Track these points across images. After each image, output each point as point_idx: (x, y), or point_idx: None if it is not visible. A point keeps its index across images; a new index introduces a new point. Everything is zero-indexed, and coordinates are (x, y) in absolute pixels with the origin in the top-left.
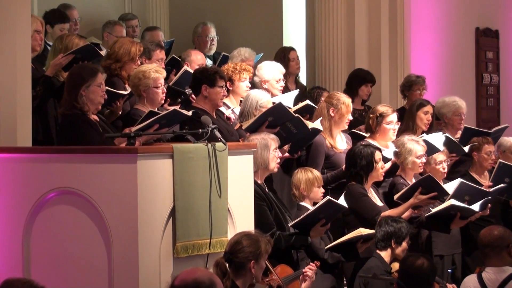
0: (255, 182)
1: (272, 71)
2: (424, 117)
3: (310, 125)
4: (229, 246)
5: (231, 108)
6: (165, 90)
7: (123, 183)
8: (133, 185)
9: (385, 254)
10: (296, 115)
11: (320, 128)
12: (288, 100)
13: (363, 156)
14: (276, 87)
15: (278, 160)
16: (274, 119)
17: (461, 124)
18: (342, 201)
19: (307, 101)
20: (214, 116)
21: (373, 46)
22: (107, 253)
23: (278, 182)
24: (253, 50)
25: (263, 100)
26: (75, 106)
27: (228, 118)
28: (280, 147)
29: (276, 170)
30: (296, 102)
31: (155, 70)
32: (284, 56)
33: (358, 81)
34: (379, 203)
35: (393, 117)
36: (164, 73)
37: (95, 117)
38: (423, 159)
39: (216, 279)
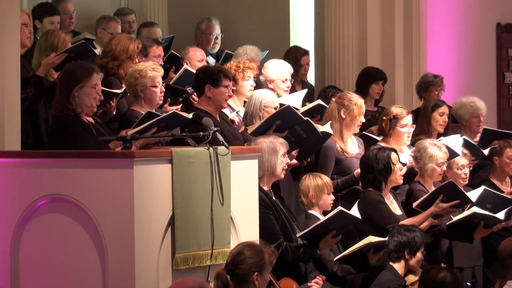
0: (261, 189)
1: (278, 70)
2: (439, 118)
3: (320, 128)
4: (231, 257)
5: (236, 111)
6: (164, 89)
7: (119, 190)
8: (129, 192)
9: (399, 266)
10: (306, 118)
11: (330, 131)
12: (295, 101)
13: (379, 160)
14: (282, 87)
15: (286, 167)
16: (282, 122)
17: (479, 127)
18: (355, 210)
19: (319, 101)
20: (218, 118)
21: (386, 43)
22: (101, 265)
23: (285, 188)
24: (258, 48)
25: (268, 99)
26: (67, 107)
27: (232, 121)
28: (289, 152)
29: (283, 176)
30: (304, 103)
31: (152, 68)
32: (296, 60)
33: (367, 79)
34: (397, 211)
35: (408, 119)
36: (162, 71)
37: (90, 119)
38: (444, 167)
39: (207, 286)
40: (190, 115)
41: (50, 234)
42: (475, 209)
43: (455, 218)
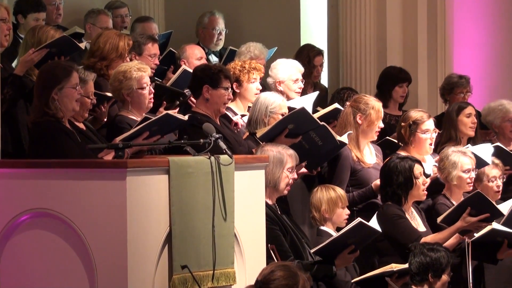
0: (265, 203)
1: (288, 69)
2: (467, 121)
3: (337, 137)
4: (262, 275)
5: (239, 114)
6: (153, 90)
7: (110, 204)
8: (121, 206)
9: None
10: (322, 123)
11: (346, 141)
12: (306, 103)
13: (400, 172)
14: (294, 88)
15: (291, 182)
16: (296, 126)
17: None
18: (374, 224)
19: (336, 105)
20: (218, 123)
21: (408, 42)
22: (90, 287)
23: (299, 201)
24: (265, 46)
25: (275, 104)
26: (47, 112)
27: (236, 124)
28: (302, 161)
29: (286, 192)
30: (315, 106)
31: (137, 68)
32: (309, 61)
33: (390, 81)
34: (421, 227)
35: (430, 124)
36: (149, 70)
37: (81, 125)
38: (472, 174)
39: None
40: (186, 117)
41: (34, 253)
42: (495, 225)
43: (476, 235)
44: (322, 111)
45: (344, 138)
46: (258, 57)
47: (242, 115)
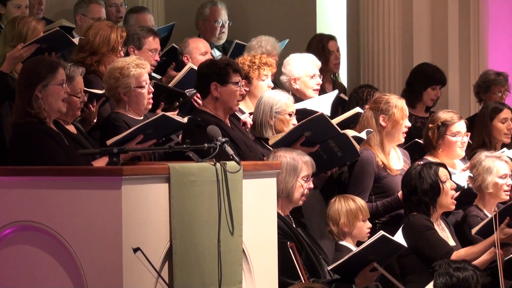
0: (277, 215)
1: (303, 64)
2: (502, 127)
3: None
4: None
5: (246, 112)
6: (152, 89)
7: (103, 216)
8: (116, 219)
9: None
10: (343, 131)
11: (364, 137)
12: (323, 104)
13: (424, 178)
14: (311, 85)
15: (306, 192)
16: (313, 134)
17: None
18: (399, 236)
19: (357, 109)
20: (228, 124)
21: (437, 34)
22: None
23: (316, 213)
24: (277, 40)
25: (280, 103)
26: (29, 112)
27: (244, 124)
28: (317, 174)
29: (301, 203)
30: (333, 107)
31: (136, 65)
32: (322, 47)
33: (422, 80)
34: (450, 241)
35: (460, 126)
36: (148, 67)
37: (72, 127)
38: (509, 180)
39: None
40: (185, 119)
41: (18, 270)
42: None
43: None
44: (341, 116)
45: (363, 135)
46: (271, 53)
47: (250, 113)
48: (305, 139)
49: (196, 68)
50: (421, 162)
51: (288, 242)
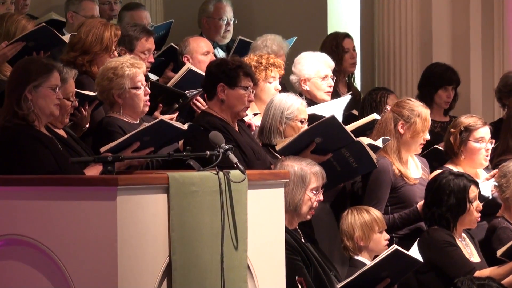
0: (285, 229)
1: (314, 64)
2: None
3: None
4: None
5: (250, 113)
6: (149, 91)
7: (97, 229)
8: (110, 232)
9: None
10: (358, 139)
11: (380, 145)
12: (335, 109)
13: (453, 192)
14: (323, 87)
15: (316, 205)
16: (324, 140)
17: None
18: (415, 250)
19: (374, 115)
20: (236, 128)
21: (458, 33)
22: None
23: (326, 227)
24: (285, 38)
25: (292, 108)
26: (17, 113)
27: (249, 126)
28: (329, 187)
29: (309, 217)
30: (346, 112)
31: (131, 64)
32: (336, 45)
33: (433, 83)
34: (475, 258)
35: (485, 131)
36: (144, 67)
37: (62, 132)
38: None
39: None
40: (185, 126)
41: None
42: None
43: None
44: (357, 123)
45: (379, 143)
46: (277, 54)
47: (255, 114)
48: (316, 146)
49: (194, 69)
50: (453, 172)
51: (297, 277)
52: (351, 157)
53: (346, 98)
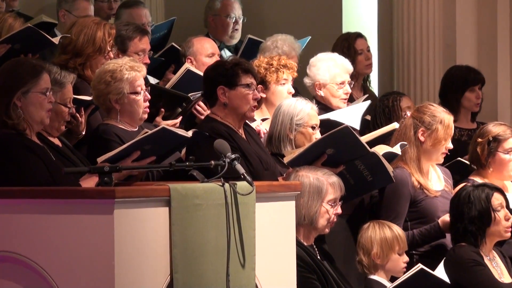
0: (299, 244)
1: (331, 68)
2: None
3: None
4: None
5: (258, 119)
6: (149, 96)
7: (93, 245)
8: (107, 249)
9: None
10: (372, 150)
11: (398, 152)
12: (352, 115)
13: (474, 203)
14: (338, 94)
15: (334, 219)
16: (336, 152)
17: None
18: (441, 271)
19: (395, 124)
20: (243, 135)
21: (484, 33)
22: None
23: (342, 242)
24: (297, 38)
25: (302, 113)
26: (6, 122)
27: (257, 133)
28: (346, 200)
29: (327, 231)
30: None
31: (130, 67)
32: (348, 46)
33: (456, 85)
34: (506, 278)
35: None
36: (144, 70)
37: (57, 141)
38: None
39: None
40: (189, 133)
41: None
42: None
43: None
44: (375, 133)
45: (396, 150)
46: (289, 55)
47: (263, 120)
48: (327, 157)
49: (192, 69)
50: (474, 183)
51: None
52: (365, 170)
53: (364, 104)
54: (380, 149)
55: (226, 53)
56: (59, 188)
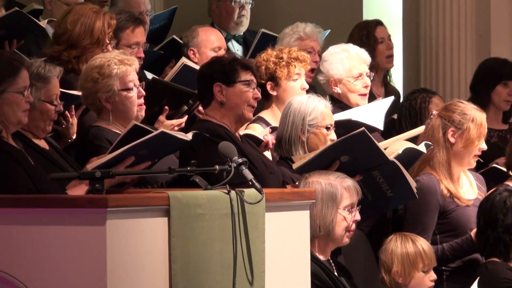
0: (314, 259)
1: (344, 61)
2: None
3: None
4: None
5: (267, 127)
6: (143, 92)
7: (83, 260)
8: (99, 263)
9: None
10: (392, 159)
11: (424, 150)
12: (374, 113)
13: (510, 209)
14: (357, 88)
15: (353, 227)
16: (352, 159)
17: None
18: None
19: (423, 128)
20: (239, 138)
21: None
22: None
23: (362, 256)
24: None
25: (315, 112)
26: None
27: (266, 145)
28: (363, 218)
29: (347, 241)
30: (387, 117)
31: (119, 61)
32: (367, 35)
33: (489, 79)
34: None
35: None
36: (136, 63)
37: (43, 142)
38: None
39: None
40: (190, 136)
41: None
42: None
43: None
44: (398, 137)
45: (421, 147)
46: (310, 38)
47: (272, 128)
48: (340, 164)
49: (190, 64)
50: (509, 188)
51: None
52: (385, 183)
53: (387, 100)
54: (401, 145)
55: (234, 46)
56: (44, 196)
